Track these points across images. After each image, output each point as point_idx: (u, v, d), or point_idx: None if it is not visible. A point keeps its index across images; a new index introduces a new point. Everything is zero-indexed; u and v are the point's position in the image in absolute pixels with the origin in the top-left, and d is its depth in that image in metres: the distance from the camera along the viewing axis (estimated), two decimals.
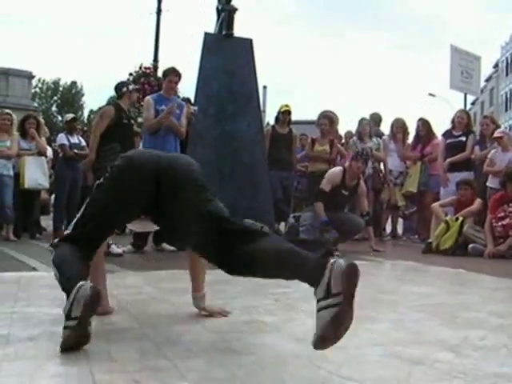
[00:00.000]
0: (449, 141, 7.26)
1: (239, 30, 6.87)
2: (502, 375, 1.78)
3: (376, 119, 8.56)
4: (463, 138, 7.19)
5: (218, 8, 6.91)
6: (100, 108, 6.10)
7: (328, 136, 7.68)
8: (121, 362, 1.87)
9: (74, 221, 2.37)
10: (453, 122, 7.59)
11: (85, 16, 79.42)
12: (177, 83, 6.07)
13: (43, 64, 68.43)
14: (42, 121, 8.31)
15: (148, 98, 6.07)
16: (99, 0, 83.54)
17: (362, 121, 7.95)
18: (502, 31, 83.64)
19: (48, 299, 2.88)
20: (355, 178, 6.17)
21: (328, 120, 7.74)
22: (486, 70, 46.58)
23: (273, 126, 7.80)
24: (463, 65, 11.19)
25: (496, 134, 6.72)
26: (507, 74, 49.38)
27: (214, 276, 2.64)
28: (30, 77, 27.50)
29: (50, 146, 8.42)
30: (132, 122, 6.14)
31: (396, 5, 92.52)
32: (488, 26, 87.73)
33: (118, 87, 5.91)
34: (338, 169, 6.39)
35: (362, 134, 7.79)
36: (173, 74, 6.00)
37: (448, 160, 7.09)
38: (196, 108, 6.28)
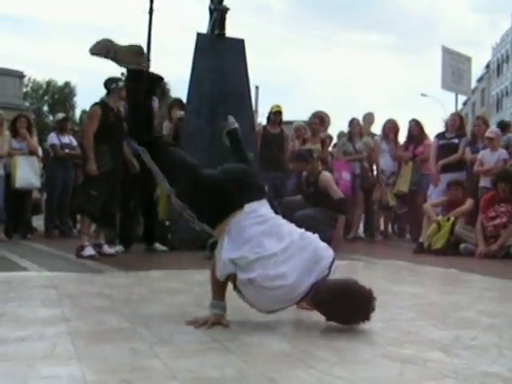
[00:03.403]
0: (441, 142, 7.28)
1: (231, 30, 6.87)
2: (492, 374, 1.79)
3: (371, 120, 8.64)
4: (456, 140, 7.22)
5: (210, 8, 6.90)
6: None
7: (319, 135, 7.76)
8: (112, 362, 1.87)
9: None
10: (446, 124, 7.66)
11: (79, 15, 79.09)
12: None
13: (36, 64, 68.29)
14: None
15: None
16: None
17: (352, 121, 8.00)
18: (493, 33, 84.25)
19: (39, 299, 2.87)
20: (314, 174, 6.39)
21: (318, 119, 7.94)
22: (478, 70, 46.91)
23: (264, 127, 7.80)
24: (454, 65, 11.19)
25: (488, 135, 6.74)
26: (498, 75, 49.64)
27: (206, 276, 2.64)
28: (21, 76, 27.38)
29: (41, 145, 8.39)
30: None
31: (387, 5, 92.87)
32: (479, 27, 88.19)
33: (107, 83, 5.59)
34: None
35: (352, 134, 7.87)
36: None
37: (440, 162, 7.12)
38: (182, 113, 6.35)
